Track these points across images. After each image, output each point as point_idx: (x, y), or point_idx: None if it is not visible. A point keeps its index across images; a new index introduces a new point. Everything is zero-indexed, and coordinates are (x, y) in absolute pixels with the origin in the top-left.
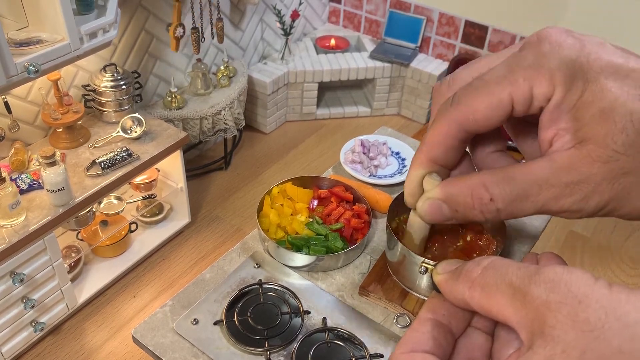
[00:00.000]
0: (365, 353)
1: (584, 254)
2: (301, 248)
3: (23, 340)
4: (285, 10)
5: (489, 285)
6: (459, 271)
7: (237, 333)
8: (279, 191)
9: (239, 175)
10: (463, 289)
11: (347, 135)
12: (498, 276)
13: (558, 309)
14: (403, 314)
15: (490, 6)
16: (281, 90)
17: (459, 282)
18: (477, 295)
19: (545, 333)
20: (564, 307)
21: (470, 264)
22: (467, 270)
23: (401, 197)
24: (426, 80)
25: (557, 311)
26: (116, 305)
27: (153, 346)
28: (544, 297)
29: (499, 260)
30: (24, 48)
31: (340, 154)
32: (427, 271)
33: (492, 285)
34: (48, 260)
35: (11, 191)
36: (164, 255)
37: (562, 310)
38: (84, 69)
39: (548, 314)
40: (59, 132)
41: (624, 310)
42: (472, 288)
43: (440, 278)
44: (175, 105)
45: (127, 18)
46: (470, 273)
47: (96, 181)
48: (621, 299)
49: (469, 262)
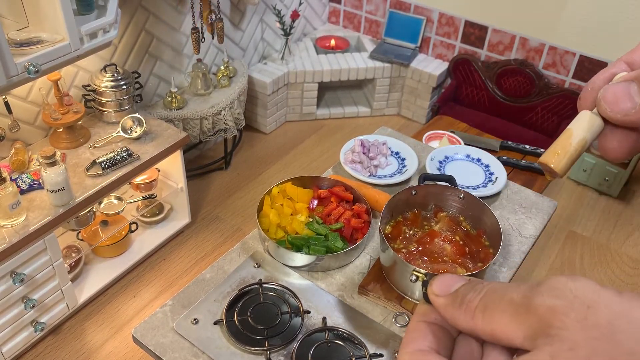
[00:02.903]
0: (365, 352)
1: (584, 254)
2: (301, 248)
3: (23, 340)
4: (285, 10)
5: (489, 307)
6: (460, 300)
7: (237, 333)
8: (279, 191)
9: (239, 175)
10: (466, 318)
11: (347, 135)
12: (497, 297)
13: (565, 313)
14: (402, 313)
15: (490, 6)
16: (281, 91)
17: (460, 311)
18: (480, 322)
19: (551, 333)
20: (571, 311)
21: (471, 293)
22: (469, 300)
23: (396, 199)
24: (426, 80)
25: (563, 315)
26: (116, 305)
27: (153, 346)
28: (548, 303)
29: (497, 284)
30: (24, 48)
31: (340, 154)
32: (418, 279)
33: (493, 307)
34: (48, 260)
35: (11, 191)
36: (164, 255)
37: (569, 314)
38: (84, 69)
39: (554, 318)
40: (59, 132)
41: (636, 315)
42: (475, 317)
43: (440, 304)
44: (175, 105)
45: (127, 18)
46: (471, 303)
47: (96, 181)
48: (633, 305)
49: (469, 291)
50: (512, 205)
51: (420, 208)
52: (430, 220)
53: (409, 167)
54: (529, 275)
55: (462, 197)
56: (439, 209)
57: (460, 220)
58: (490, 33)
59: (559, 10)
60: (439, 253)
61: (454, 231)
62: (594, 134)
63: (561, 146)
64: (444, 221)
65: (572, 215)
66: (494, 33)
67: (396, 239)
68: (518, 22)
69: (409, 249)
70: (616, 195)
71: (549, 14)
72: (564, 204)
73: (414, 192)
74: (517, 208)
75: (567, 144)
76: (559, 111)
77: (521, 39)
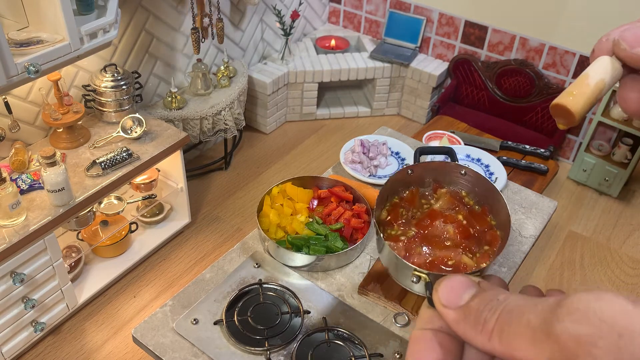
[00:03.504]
0: (365, 352)
1: (584, 254)
2: (301, 248)
3: (23, 340)
4: (285, 10)
5: (506, 331)
6: (473, 318)
7: (237, 333)
8: (279, 191)
9: (239, 175)
10: (483, 340)
11: (347, 135)
12: (514, 319)
13: (592, 343)
14: (402, 313)
15: (490, 6)
16: (281, 91)
17: (476, 331)
18: (498, 345)
19: None
20: (599, 340)
21: (485, 312)
22: (484, 321)
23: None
24: (426, 80)
25: (591, 345)
26: (116, 305)
27: (153, 346)
28: (570, 331)
29: (513, 301)
30: (24, 48)
31: (340, 154)
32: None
33: (510, 330)
34: (48, 261)
35: (11, 191)
36: (164, 256)
37: (598, 344)
38: (84, 69)
39: (579, 349)
40: (59, 132)
41: None
42: (492, 339)
43: (450, 318)
44: (175, 105)
45: (127, 18)
46: (487, 324)
47: (96, 181)
48: None
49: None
50: (512, 205)
51: (418, 186)
52: (429, 198)
53: None
54: (529, 275)
55: (464, 172)
56: (439, 185)
57: (463, 195)
58: (490, 33)
59: (559, 10)
60: (441, 237)
61: (456, 209)
62: (613, 78)
63: (578, 87)
64: (444, 198)
65: (572, 215)
66: (494, 33)
67: (393, 224)
68: (518, 22)
69: (407, 235)
70: (616, 195)
71: (549, 14)
72: (564, 204)
73: (410, 172)
74: (517, 208)
75: (584, 84)
76: None
77: (521, 39)
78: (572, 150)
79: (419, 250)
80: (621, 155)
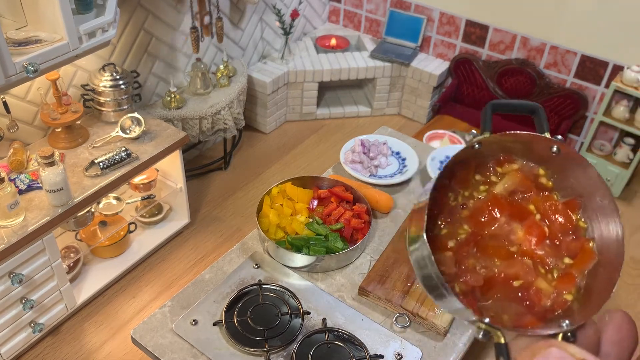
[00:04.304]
0: (365, 353)
1: None
2: (301, 248)
3: (22, 341)
4: (285, 9)
5: None
6: None
7: (236, 334)
8: (279, 191)
9: (239, 175)
10: None
11: (347, 135)
12: None
13: None
14: (402, 314)
15: (491, 5)
16: (281, 90)
17: None
18: None
19: None
20: None
21: None
22: None
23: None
24: (427, 79)
25: None
26: (115, 306)
27: (152, 347)
28: None
29: None
30: (22, 47)
31: (340, 154)
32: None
33: None
34: (47, 261)
35: (10, 191)
36: (163, 256)
37: None
38: (83, 68)
39: None
40: (58, 132)
41: None
42: None
43: None
44: (174, 105)
45: (126, 17)
46: None
47: (95, 181)
48: None
49: None
50: None
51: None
52: (488, 175)
53: (410, 167)
54: None
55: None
56: (508, 158)
57: (539, 174)
58: (491, 32)
59: (560, 10)
60: (505, 238)
61: (526, 196)
62: None
63: None
64: (513, 178)
65: None
66: (495, 32)
67: (437, 220)
68: (519, 22)
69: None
70: (618, 196)
71: (550, 14)
72: None
73: (477, 146)
74: None
75: None
76: (560, 111)
77: (522, 38)
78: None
79: (472, 263)
80: (623, 155)
